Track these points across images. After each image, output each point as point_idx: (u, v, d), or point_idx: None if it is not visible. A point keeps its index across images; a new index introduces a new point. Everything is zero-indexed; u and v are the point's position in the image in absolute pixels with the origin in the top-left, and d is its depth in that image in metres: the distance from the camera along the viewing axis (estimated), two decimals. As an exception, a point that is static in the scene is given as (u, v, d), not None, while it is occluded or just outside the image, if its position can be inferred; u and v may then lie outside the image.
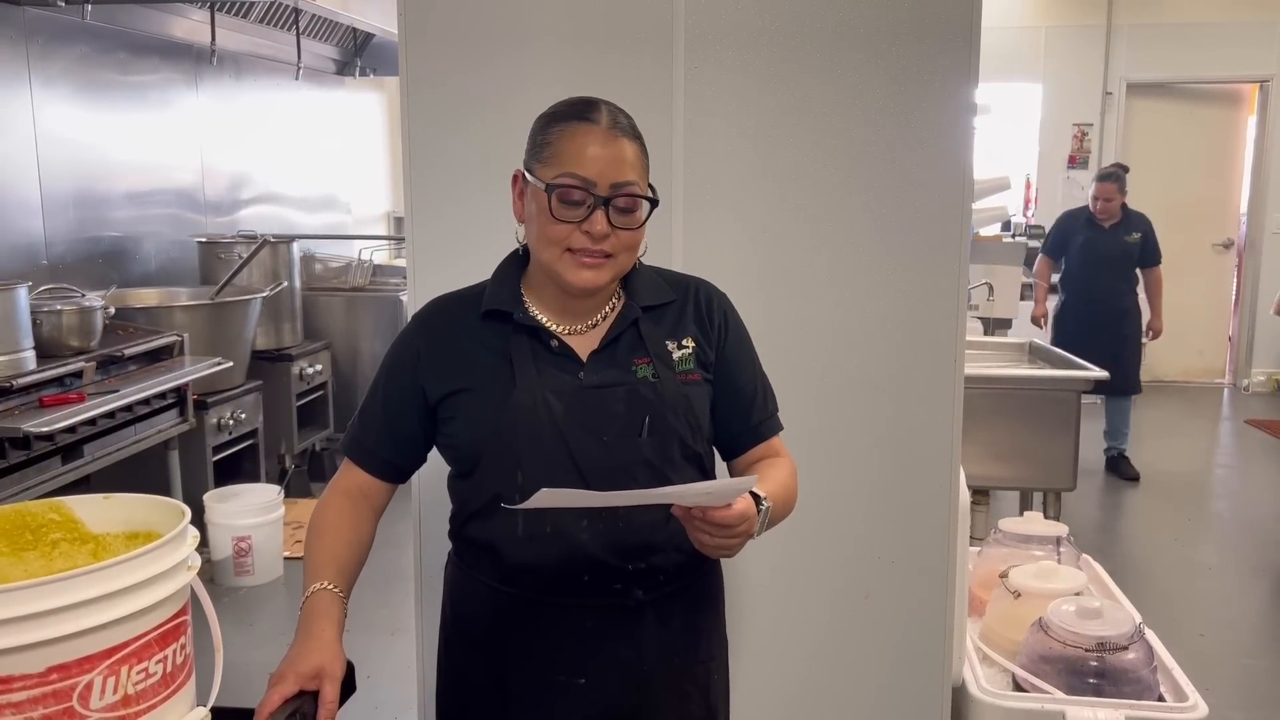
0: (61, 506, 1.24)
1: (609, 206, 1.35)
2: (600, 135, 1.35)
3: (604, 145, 1.35)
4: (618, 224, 1.36)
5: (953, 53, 1.90)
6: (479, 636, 1.48)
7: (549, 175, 1.36)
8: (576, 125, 1.36)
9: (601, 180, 1.34)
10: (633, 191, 1.36)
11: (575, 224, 1.35)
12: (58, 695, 1.01)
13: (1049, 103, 7.92)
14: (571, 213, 1.35)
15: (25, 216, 3.97)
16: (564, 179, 1.34)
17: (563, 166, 1.35)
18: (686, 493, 1.25)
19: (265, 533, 4.06)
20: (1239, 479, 5.81)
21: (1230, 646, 3.63)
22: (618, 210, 1.36)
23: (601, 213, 1.35)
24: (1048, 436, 3.77)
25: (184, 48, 4.86)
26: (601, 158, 1.34)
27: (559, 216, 1.35)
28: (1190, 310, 7.97)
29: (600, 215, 1.35)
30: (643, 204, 1.38)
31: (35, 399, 3.26)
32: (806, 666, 2.08)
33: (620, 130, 1.37)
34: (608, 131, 1.36)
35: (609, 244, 1.36)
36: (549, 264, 1.39)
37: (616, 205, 1.35)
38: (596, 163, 1.34)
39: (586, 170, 1.34)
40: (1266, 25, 7.56)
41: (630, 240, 1.38)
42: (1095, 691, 2.01)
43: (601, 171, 1.34)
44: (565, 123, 1.37)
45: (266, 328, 4.81)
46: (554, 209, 1.35)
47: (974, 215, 2.50)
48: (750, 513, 1.29)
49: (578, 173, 1.34)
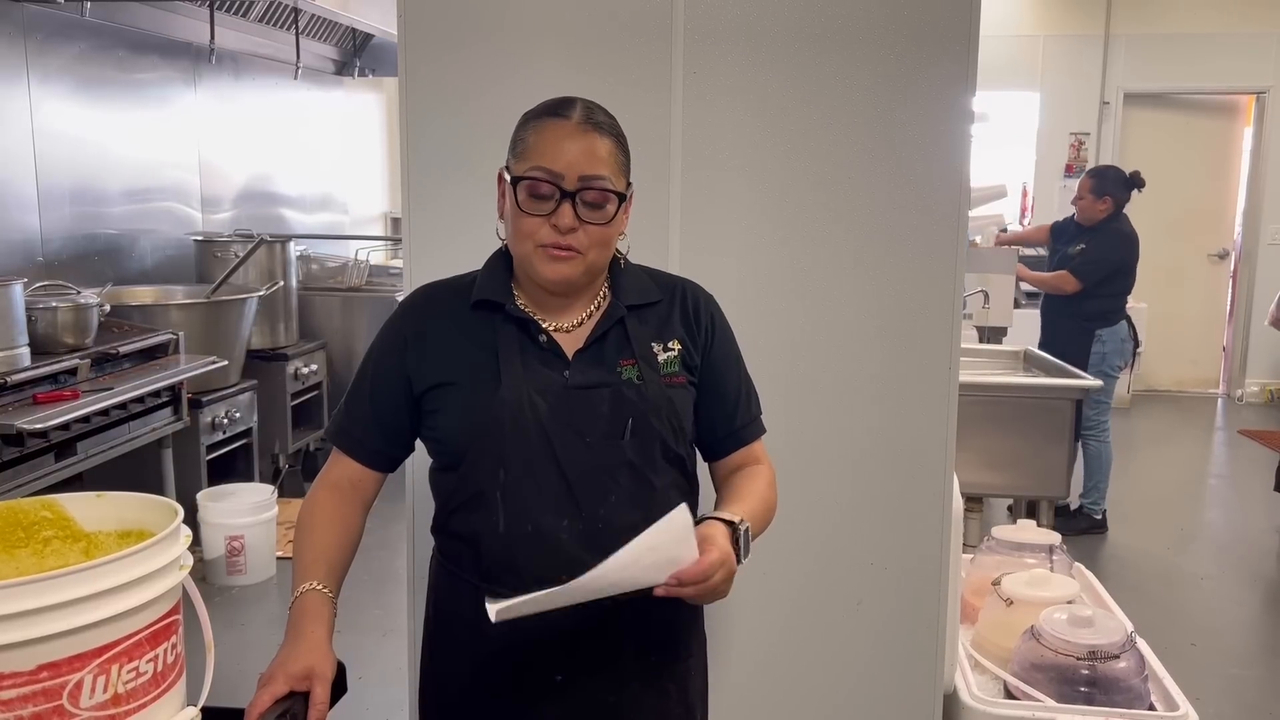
0: (54, 504, 1.24)
1: (576, 199, 1.35)
2: (570, 129, 1.36)
3: (573, 139, 1.36)
4: (586, 218, 1.36)
5: (951, 60, 1.91)
6: (460, 634, 1.48)
7: (521, 169, 1.37)
8: (549, 120, 1.37)
9: (570, 173, 1.35)
10: (600, 185, 1.36)
11: (544, 217, 1.36)
12: (48, 694, 1.01)
13: (1046, 112, 7.94)
14: (539, 206, 1.36)
15: (21, 213, 3.96)
16: (532, 172, 1.36)
17: (533, 160, 1.36)
18: (631, 557, 1.22)
19: (258, 532, 4.05)
20: (1232, 489, 5.82)
21: (1221, 656, 3.64)
22: (585, 204, 1.36)
23: (568, 205, 1.35)
24: (1042, 445, 3.77)
25: (183, 46, 4.86)
26: (570, 151, 1.35)
27: (526, 209, 1.36)
28: (1185, 320, 7.99)
29: (567, 208, 1.35)
30: (613, 199, 1.38)
31: (29, 396, 3.25)
32: (797, 672, 2.08)
33: (593, 125, 1.37)
34: (578, 125, 1.36)
35: (576, 239, 1.36)
36: (522, 258, 1.40)
37: (584, 199, 1.36)
38: (565, 156, 1.35)
39: (554, 163, 1.35)
40: (1263, 37, 7.59)
41: (600, 236, 1.38)
42: (1086, 700, 2.01)
43: (570, 164, 1.35)
44: (539, 119, 1.39)
45: (262, 327, 4.81)
46: (521, 202, 1.36)
47: (970, 223, 2.51)
48: (723, 558, 1.28)
49: (545, 165, 1.35)
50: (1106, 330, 4.73)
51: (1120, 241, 4.81)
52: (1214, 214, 8.01)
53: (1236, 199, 8.02)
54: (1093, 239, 4.81)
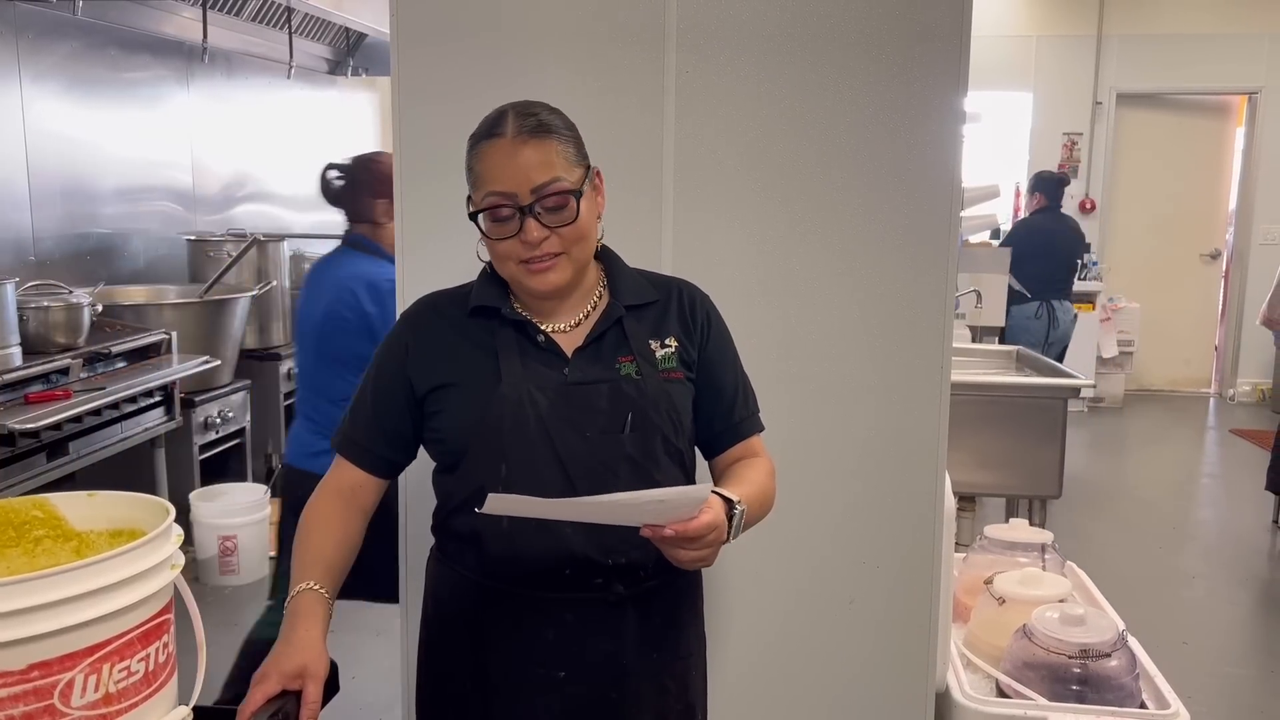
0: (45, 503, 1.24)
1: (535, 212, 1.37)
2: (507, 146, 1.37)
3: (512, 155, 1.37)
4: (551, 224, 1.38)
5: (943, 60, 1.91)
6: (460, 630, 1.49)
7: (479, 199, 1.40)
8: (486, 144, 1.39)
9: (520, 189, 1.36)
10: (553, 190, 1.37)
11: (513, 237, 1.38)
12: (38, 693, 1.00)
13: (1039, 112, 7.96)
14: (505, 228, 1.38)
15: (13, 211, 3.95)
16: (488, 199, 1.38)
17: (486, 187, 1.38)
18: (640, 499, 1.25)
19: (251, 532, 4.05)
20: (1223, 488, 5.84)
21: (1213, 655, 3.65)
22: (547, 210, 1.37)
23: (532, 220, 1.37)
24: (1034, 444, 3.78)
25: (175, 45, 4.84)
26: (513, 167, 1.36)
27: (494, 235, 1.39)
28: (1177, 320, 8.02)
29: (531, 223, 1.37)
30: (570, 198, 1.39)
31: (21, 395, 3.24)
32: (789, 670, 2.08)
33: (528, 133, 1.38)
34: (513, 141, 1.37)
35: (551, 245, 1.38)
36: (511, 279, 1.44)
37: (544, 207, 1.37)
38: (510, 174, 1.36)
39: (504, 185, 1.37)
40: (1255, 37, 7.62)
41: (573, 233, 1.40)
42: (1078, 698, 2.01)
43: (518, 180, 1.36)
44: (479, 143, 1.41)
45: (255, 326, 4.80)
46: (488, 229, 1.39)
47: (963, 223, 2.52)
48: (717, 522, 1.30)
49: (496, 189, 1.37)
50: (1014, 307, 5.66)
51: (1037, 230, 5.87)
52: (1206, 214, 8.04)
53: (1228, 199, 8.05)
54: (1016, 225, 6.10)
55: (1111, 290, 7.69)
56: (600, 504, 1.25)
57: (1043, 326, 5.75)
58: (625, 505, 1.25)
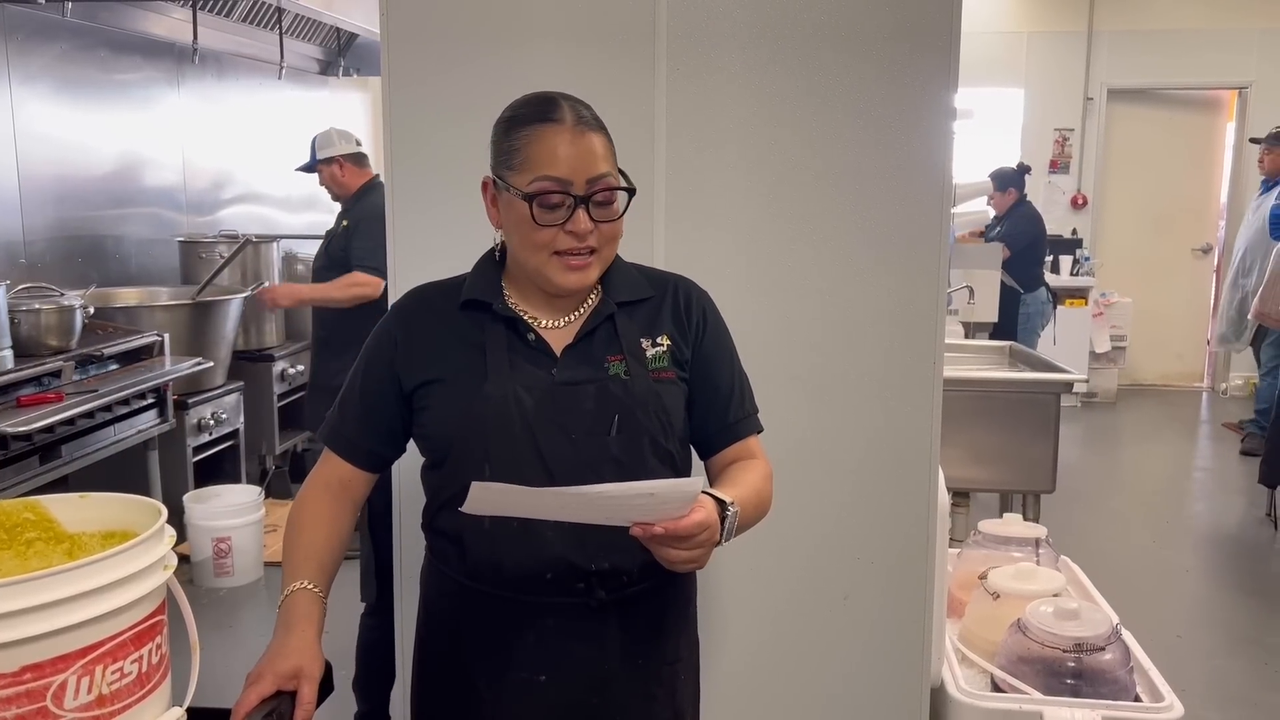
0: (37, 505, 1.24)
1: (589, 203, 1.35)
2: (568, 133, 1.34)
3: (573, 143, 1.34)
4: (599, 218, 1.36)
5: (933, 56, 1.92)
6: (448, 632, 1.48)
7: (524, 182, 1.35)
8: (542, 127, 1.35)
9: (577, 179, 1.34)
10: (609, 184, 1.36)
11: (558, 226, 1.35)
12: (31, 695, 1.00)
13: (1030, 108, 7.97)
14: (553, 216, 1.35)
15: (3, 214, 3.94)
16: (541, 184, 1.34)
17: (536, 171, 1.34)
18: (630, 491, 1.20)
19: (245, 534, 4.04)
20: (1216, 482, 5.86)
21: (1206, 648, 3.66)
22: (597, 205, 1.36)
23: (583, 211, 1.35)
24: (1027, 439, 3.78)
25: (165, 46, 4.83)
26: (573, 156, 1.34)
27: (541, 222, 1.34)
28: (1169, 315, 8.04)
29: (582, 214, 1.34)
30: (620, 194, 1.38)
31: (13, 399, 3.23)
32: (784, 667, 2.08)
33: (585, 124, 1.36)
34: (574, 128, 1.35)
35: (593, 239, 1.37)
36: (536, 269, 1.39)
37: (595, 200, 1.36)
38: (569, 162, 1.34)
39: (560, 171, 1.33)
40: (1245, 32, 7.64)
41: (611, 232, 1.39)
42: (1073, 692, 2.02)
43: (575, 170, 1.34)
44: (529, 126, 1.36)
45: (248, 328, 4.79)
46: (536, 215, 1.34)
47: (955, 219, 2.52)
48: (709, 521, 1.26)
49: (553, 175, 1.33)
50: (1029, 295, 5.96)
51: (1032, 217, 6.18)
52: (1197, 209, 8.06)
53: (1219, 194, 8.07)
54: (1009, 220, 6.12)
55: (1104, 285, 7.70)
56: (588, 495, 1.21)
57: (1050, 311, 6.16)
58: (614, 497, 1.21)
